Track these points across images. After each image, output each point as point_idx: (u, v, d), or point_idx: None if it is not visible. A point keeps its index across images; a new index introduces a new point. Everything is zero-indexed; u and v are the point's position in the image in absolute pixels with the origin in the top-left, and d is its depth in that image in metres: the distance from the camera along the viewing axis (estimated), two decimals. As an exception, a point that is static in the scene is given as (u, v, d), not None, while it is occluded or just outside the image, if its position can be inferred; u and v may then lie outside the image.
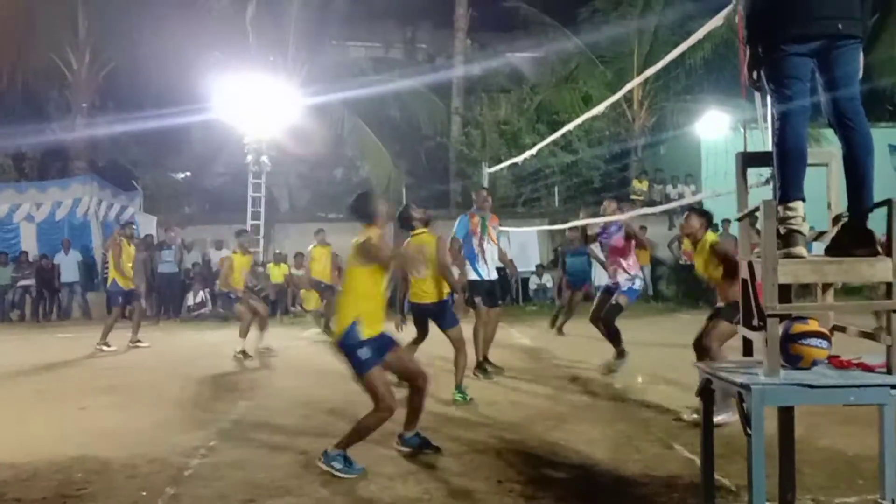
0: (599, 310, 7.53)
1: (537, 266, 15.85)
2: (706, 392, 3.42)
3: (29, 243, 16.78)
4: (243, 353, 9.06)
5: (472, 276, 7.65)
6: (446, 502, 3.92)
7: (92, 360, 9.57)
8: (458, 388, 6.49)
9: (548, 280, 15.60)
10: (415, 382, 4.72)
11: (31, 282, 15.97)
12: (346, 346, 4.40)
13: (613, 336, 7.44)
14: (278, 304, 14.68)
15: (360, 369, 4.40)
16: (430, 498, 3.99)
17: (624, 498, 3.90)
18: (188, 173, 22.30)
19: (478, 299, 7.61)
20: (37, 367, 8.87)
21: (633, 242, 7.52)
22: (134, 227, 11.90)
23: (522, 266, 15.98)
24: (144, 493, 4.16)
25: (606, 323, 7.43)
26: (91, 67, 18.54)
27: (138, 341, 10.63)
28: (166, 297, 15.59)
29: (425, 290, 6.41)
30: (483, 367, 7.56)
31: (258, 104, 15.84)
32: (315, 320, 12.56)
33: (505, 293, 15.39)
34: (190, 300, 15.29)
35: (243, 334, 9.22)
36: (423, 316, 6.58)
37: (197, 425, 5.73)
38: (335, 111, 17.92)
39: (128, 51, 17.76)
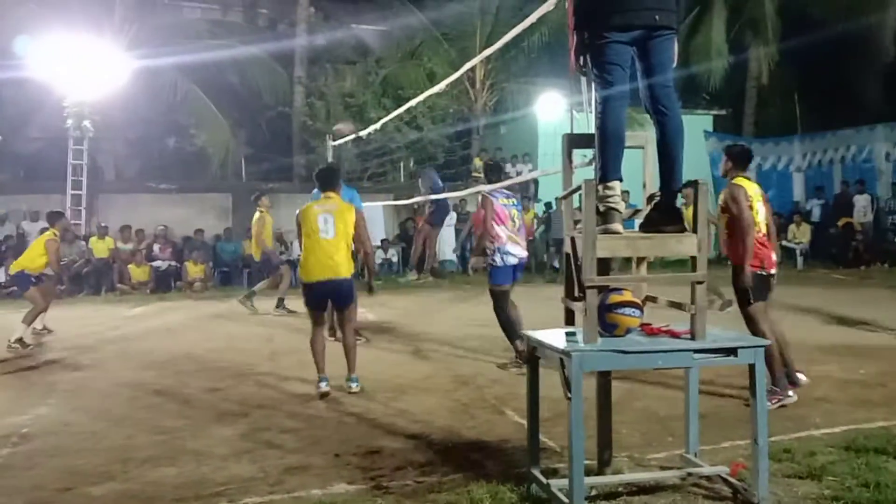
0: None
1: (382, 241, 15.88)
2: (533, 359, 3.60)
3: None
4: (20, 341, 7.94)
5: None
6: (282, 479, 3.87)
7: None
8: None
9: (393, 255, 15.68)
10: None
11: None
12: None
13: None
14: (103, 280, 13.71)
15: None
16: (266, 476, 3.93)
17: (458, 463, 4.04)
18: (-3, 137, 20.12)
19: None
20: None
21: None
22: None
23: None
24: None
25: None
26: None
27: None
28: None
29: None
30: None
31: (80, 64, 14.57)
32: None
33: None
34: (1, 276, 13.90)
35: (29, 321, 8.18)
36: None
37: (7, 412, 5.27)
38: (167, 75, 16.83)
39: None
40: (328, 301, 5.90)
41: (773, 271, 5.27)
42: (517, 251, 6.45)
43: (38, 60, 14.43)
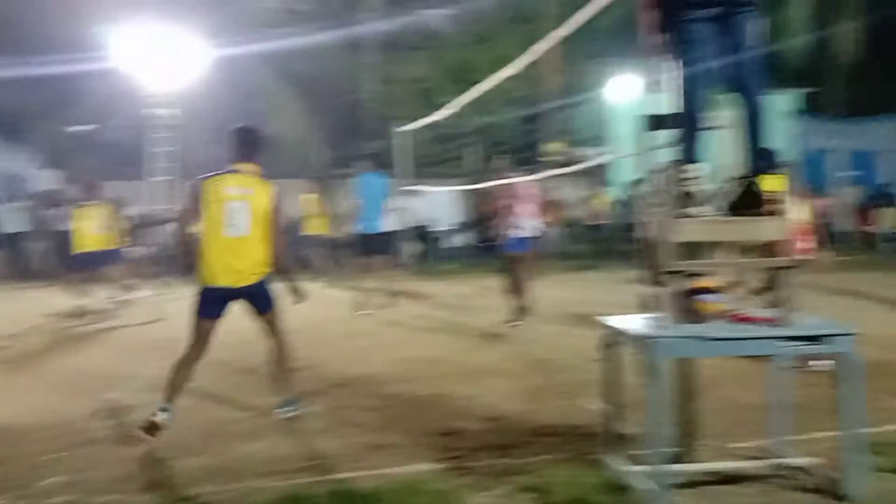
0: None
1: (453, 225, 16.00)
2: (611, 345, 3.59)
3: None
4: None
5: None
6: (365, 455, 3.98)
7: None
8: None
9: (463, 239, 15.78)
10: None
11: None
12: None
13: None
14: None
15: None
16: (349, 452, 4.05)
17: (532, 448, 4.06)
18: (85, 126, 21.08)
19: None
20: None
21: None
22: None
23: (440, 225, 16.24)
24: (46, 458, 4.04)
25: None
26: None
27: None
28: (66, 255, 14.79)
29: None
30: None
31: (161, 54, 15.10)
32: None
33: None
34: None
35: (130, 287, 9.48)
36: None
37: (104, 388, 5.57)
38: (245, 64, 17.30)
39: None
40: (224, 312, 4.50)
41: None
42: (528, 225, 7.69)
43: (121, 52, 15.02)
